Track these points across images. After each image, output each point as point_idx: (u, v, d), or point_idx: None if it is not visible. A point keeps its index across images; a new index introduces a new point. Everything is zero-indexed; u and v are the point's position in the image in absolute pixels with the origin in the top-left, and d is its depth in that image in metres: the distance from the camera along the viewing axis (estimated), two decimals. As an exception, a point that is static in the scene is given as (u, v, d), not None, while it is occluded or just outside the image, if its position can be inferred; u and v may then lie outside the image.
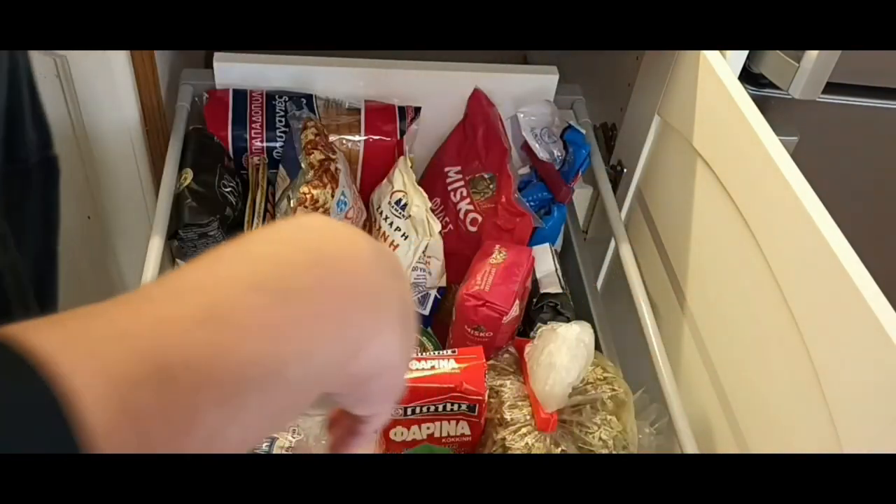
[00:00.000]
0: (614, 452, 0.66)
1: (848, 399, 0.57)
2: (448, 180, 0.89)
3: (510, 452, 0.66)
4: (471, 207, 0.86)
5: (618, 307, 0.90)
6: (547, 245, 0.86)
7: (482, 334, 0.74)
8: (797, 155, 0.65)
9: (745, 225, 0.70)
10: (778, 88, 0.87)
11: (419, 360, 0.67)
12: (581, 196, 0.99)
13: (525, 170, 0.91)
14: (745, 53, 0.84)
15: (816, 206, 0.61)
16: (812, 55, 0.80)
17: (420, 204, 0.80)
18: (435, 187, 0.89)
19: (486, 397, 0.67)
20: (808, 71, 0.81)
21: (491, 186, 0.87)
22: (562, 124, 0.89)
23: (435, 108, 0.89)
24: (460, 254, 0.84)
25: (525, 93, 0.90)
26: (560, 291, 0.82)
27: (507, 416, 0.68)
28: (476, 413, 0.68)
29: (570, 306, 0.82)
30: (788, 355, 0.63)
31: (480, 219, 0.86)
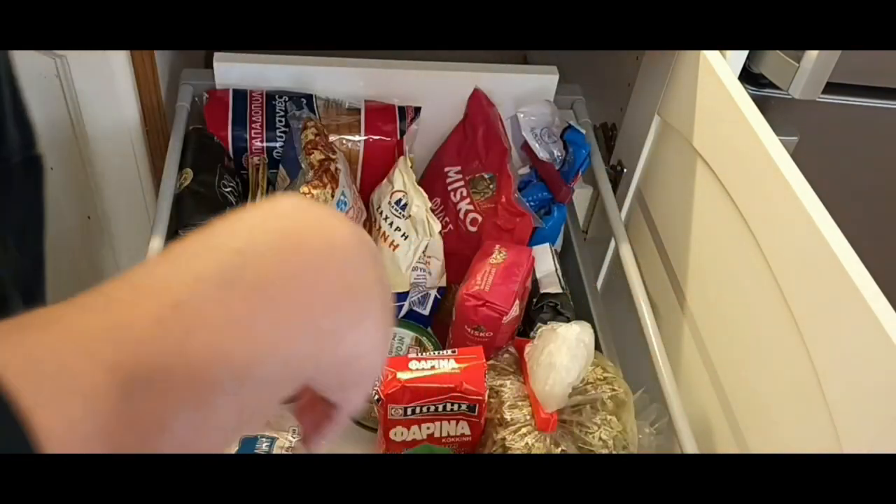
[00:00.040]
0: (614, 452, 0.66)
1: (848, 399, 0.57)
2: (448, 180, 0.89)
3: (510, 452, 0.66)
4: (471, 207, 0.86)
5: (618, 307, 0.90)
6: (547, 245, 0.86)
7: (482, 334, 0.74)
8: (797, 155, 0.65)
9: (745, 225, 0.70)
10: (778, 88, 0.87)
11: (419, 360, 0.67)
12: (581, 196, 0.99)
13: (525, 170, 0.91)
14: (745, 53, 0.84)
15: (816, 207, 0.61)
16: (812, 55, 0.80)
17: (420, 204, 0.80)
18: (435, 187, 0.89)
19: (486, 397, 0.67)
20: (808, 71, 0.81)
21: (491, 186, 0.87)
22: (562, 124, 0.89)
23: (435, 108, 0.89)
24: (460, 254, 0.83)
25: (525, 93, 0.90)
26: (560, 291, 0.82)
27: (507, 416, 0.68)
28: (476, 413, 0.68)
29: (570, 306, 0.82)
30: (788, 355, 0.63)
31: (480, 219, 0.86)
